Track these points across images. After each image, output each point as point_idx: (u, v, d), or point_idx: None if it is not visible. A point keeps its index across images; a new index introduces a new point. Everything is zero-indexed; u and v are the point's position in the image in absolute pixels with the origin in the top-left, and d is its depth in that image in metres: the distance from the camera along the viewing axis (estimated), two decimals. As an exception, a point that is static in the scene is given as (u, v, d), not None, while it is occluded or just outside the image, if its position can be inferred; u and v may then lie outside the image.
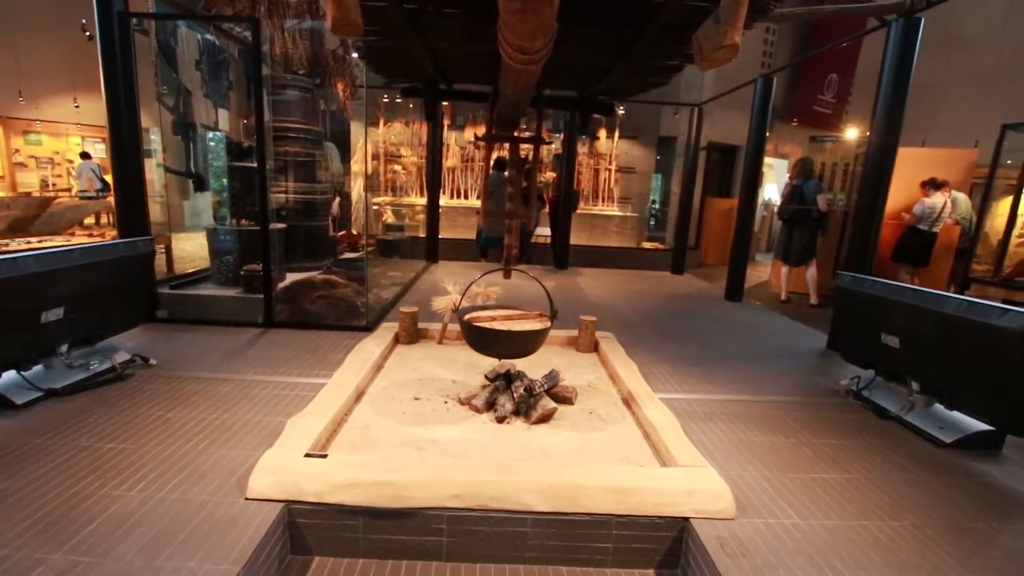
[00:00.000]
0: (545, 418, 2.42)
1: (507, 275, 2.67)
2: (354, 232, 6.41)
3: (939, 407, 2.61)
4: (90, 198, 9.73)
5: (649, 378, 3.03)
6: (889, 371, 2.86)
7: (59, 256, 2.44)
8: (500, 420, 2.40)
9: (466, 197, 9.78)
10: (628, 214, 9.99)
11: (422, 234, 7.60)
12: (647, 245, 10.25)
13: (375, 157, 9.11)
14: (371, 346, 3.19)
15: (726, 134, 11.04)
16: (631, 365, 3.10)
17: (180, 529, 1.60)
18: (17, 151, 11.09)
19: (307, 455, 1.91)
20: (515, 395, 2.48)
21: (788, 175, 10.55)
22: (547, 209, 8.01)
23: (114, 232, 6.72)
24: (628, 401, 2.69)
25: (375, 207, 8.97)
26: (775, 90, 5.46)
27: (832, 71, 12.81)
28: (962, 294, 6.86)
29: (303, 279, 3.99)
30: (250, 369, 2.97)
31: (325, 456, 1.91)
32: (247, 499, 1.77)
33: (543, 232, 8.56)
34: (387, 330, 3.53)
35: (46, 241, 6.14)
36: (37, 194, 10.42)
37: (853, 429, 2.55)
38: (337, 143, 6.53)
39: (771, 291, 7.58)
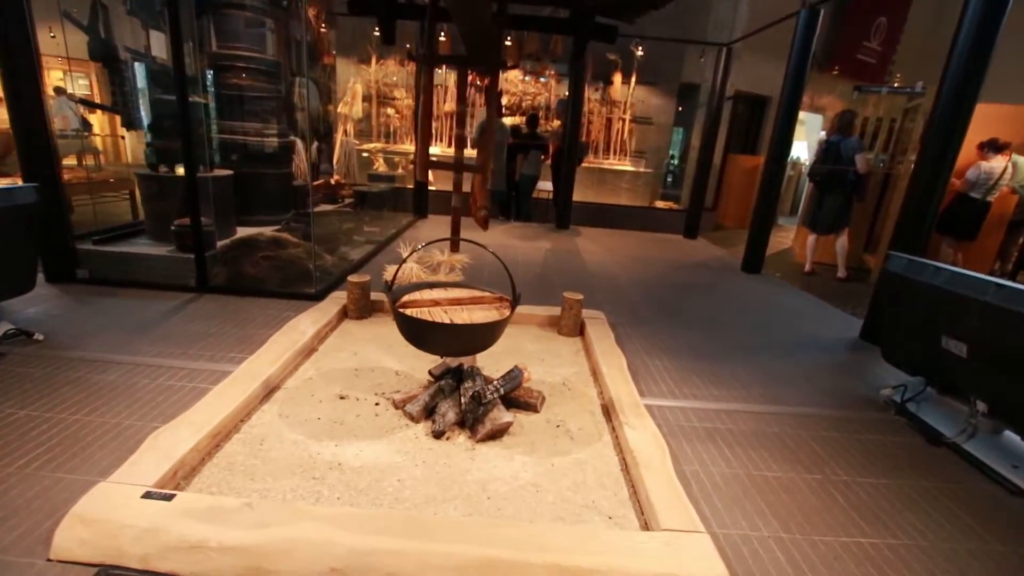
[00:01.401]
0: (496, 434, 1.88)
1: (454, 247, 2.08)
2: (332, 181, 5.78)
3: (1010, 436, 2.02)
4: (66, 137, 9.14)
5: (641, 375, 2.47)
6: (947, 383, 2.25)
7: None
8: (438, 435, 1.87)
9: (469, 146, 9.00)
10: (642, 170, 9.18)
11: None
12: (660, 204, 9.48)
13: (367, 99, 8.32)
14: (306, 323, 2.65)
15: (755, 82, 9.97)
16: (619, 359, 2.53)
17: (-80, 617, 1.11)
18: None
19: (147, 494, 1.40)
20: (462, 401, 1.94)
21: (823, 131, 9.57)
22: (549, 161, 7.28)
23: (100, 174, 6.16)
24: (609, 410, 2.13)
25: (365, 155, 8.27)
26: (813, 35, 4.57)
27: (882, 14, 11.46)
28: (1015, 275, 6.11)
29: (247, 236, 3.43)
30: (154, 348, 2.45)
31: (170, 497, 1.39)
32: (49, 559, 1.28)
33: (545, 187, 7.85)
34: (334, 302, 2.99)
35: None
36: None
37: (897, 461, 1.98)
38: (315, 80, 5.83)
39: (794, 261, 6.88)
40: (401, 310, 1.89)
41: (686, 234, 6.99)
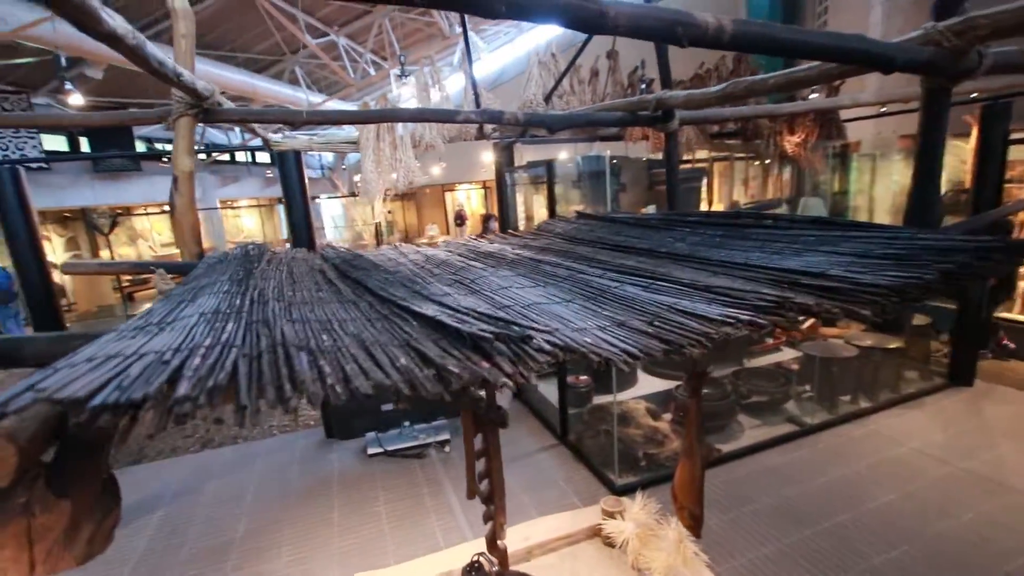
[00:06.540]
0: None
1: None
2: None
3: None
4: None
5: None
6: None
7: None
8: None
9: None
10: None
11: None
12: None
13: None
14: (540, 530, 2.78)
15: None
16: None
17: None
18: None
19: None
20: None
21: None
22: None
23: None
24: None
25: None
26: None
27: None
28: None
29: (603, 404, 3.75)
30: (427, 493, 3.34)
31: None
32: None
33: None
34: (594, 514, 2.87)
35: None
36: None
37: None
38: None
39: None
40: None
41: None
